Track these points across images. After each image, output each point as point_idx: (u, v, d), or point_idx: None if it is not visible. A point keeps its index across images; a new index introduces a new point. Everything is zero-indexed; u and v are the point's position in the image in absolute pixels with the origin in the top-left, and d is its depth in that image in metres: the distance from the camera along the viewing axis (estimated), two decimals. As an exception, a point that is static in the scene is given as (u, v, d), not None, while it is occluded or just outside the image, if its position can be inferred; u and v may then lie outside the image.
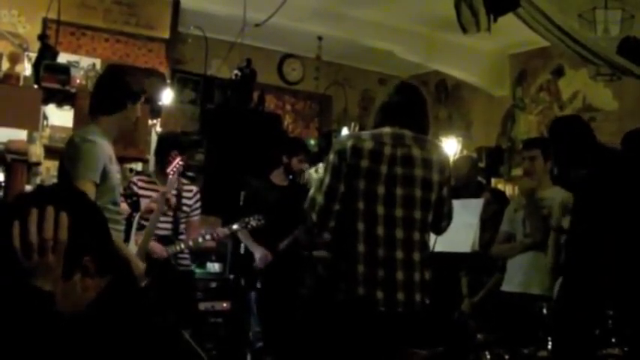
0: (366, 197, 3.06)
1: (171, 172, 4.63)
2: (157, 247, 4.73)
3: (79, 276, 1.52)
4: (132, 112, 3.78)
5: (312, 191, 3.21)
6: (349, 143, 3.11)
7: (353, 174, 3.08)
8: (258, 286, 5.34)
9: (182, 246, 4.85)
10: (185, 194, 5.01)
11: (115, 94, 3.76)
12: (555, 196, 4.33)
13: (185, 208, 4.99)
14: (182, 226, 4.99)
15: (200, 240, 4.90)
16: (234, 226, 5.03)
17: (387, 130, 3.16)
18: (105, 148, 3.58)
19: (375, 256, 3.03)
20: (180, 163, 4.69)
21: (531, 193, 4.34)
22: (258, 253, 5.32)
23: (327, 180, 3.13)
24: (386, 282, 3.02)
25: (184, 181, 5.10)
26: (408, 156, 3.11)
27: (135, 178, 5.09)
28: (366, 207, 3.06)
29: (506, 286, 4.45)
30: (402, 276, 3.04)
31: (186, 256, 5.04)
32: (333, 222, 3.15)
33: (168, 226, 4.89)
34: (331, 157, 3.15)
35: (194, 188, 5.16)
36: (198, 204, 5.15)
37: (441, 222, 3.28)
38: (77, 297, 1.52)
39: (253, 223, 5.00)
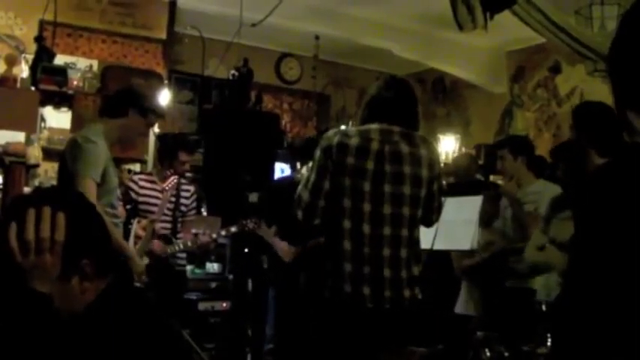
0: (351, 194, 3.04)
1: (168, 188, 4.69)
2: (158, 246, 4.74)
3: (77, 279, 1.51)
4: (134, 123, 3.75)
5: (299, 188, 3.19)
6: (335, 140, 3.08)
7: (339, 171, 3.05)
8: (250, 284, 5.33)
9: (181, 246, 4.87)
10: (183, 194, 5.03)
11: (119, 99, 3.77)
12: (541, 189, 4.35)
13: (182, 208, 5.03)
14: (179, 225, 5.01)
15: (199, 241, 4.92)
16: (232, 229, 5.04)
17: (374, 126, 3.13)
18: (106, 150, 3.59)
19: (360, 253, 3.02)
20: (175, 180, 4.73)
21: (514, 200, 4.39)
22: (282, 248, 5.27)
23: (312, 177, 3.11)
24: (372, 279, 3.01)
25: (183, 180, 5.11)
26: (396, 152, 3.09)
27: (136, 177, 5.08)
28: (352, 204, 3.04)
29: None
30: (389, 273, 3.03)
31: (183, 255, 5.06)
32: (318, 219, 3.13)
33: (167, 225, 4.92)
34: (317, 153, 3.13)
35: (191, 188, 5.19)
36: (195, 204, 5.20)
37: (431, 216, 3.27)
38: (75, 299, 1.51)
39: (250, 225, 5.00)
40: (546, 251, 3.58)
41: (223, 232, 5.08)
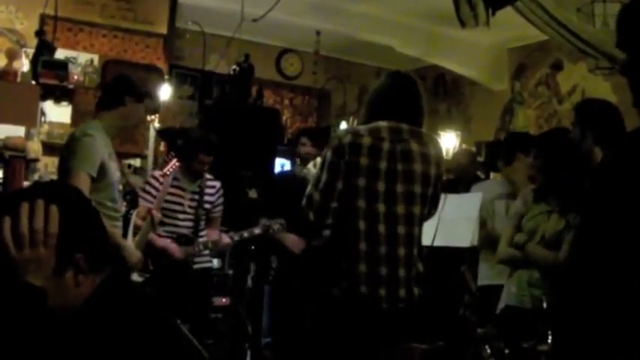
0: (366, 195, 3.00)
1: (168, 173, 4.59)
2: (173, 249, 4.68)
3: (71, 273, 1.51)
4: (132, 111, 3.74)
5: (309, 188, 3.13)
6: (347, 140, 3.03)
7: (352, 172, 3.01)
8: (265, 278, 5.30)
9: (201, 247, 4.80)
10: (208, 191, 4.92)
11: (113, 90, 3.76)
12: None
13: (207, 205, 4.88)
14: (202, 224, 4.93)
15: (224, 242, 4.88)
16: (256, 230, 4.96)
17: (383, 124, 3.08)
18: (104, 144, 3.58)
19: (377, 254, 2.99)
20: (177, 164, 4.64)
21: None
22: (291, 239, 5.23)
23: (324, 177, 3.05)
24: (389, 279, 2.98)
25: (208, 176, 5.00)
26: (407, 151, 3.06)
27: (157, 173, 4.97)
28: (367, 205, 3.00)
29: (496, 279, 4.46)
30: (403, 272, 3.01)
31: (205, 252, 4.97)
32: (330, 220, 3.09)
33: (189, 224, 4.82)
34: (328, 154, 3.06)
35: (217, 184, 5.02)
36: (221, 200, 5.01)
37: (430, 212, 3.26)
38: (70, 293, 1.51)
39: (275, 227, 4.92)
40: (528, 247, 3.55)
41: (246, 234, 5.00)
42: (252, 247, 5.47)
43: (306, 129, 6.28)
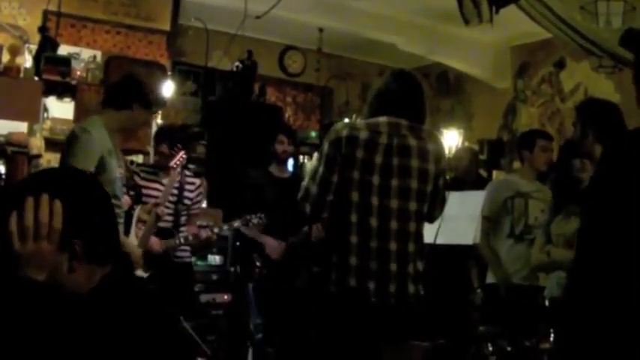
0: (360, 188, 3.02)
1: (175, 166, 4.62)
2: (154, 242, 4.70)
3: (65, 256, 1.51)
4: (139, 116, 3.75)
5: (305, 181, 3.16)
6: (344, 133, 3.05)
7: (347, 164, 3.03)
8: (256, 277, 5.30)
9: (181, 240, 4.84)
10: (187, 187, 4.98)
11: (122, 92, 3.76)
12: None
13: (186, 201, 4.97)
14: (183, 219, 4.98)
15: (203, 236, 4.89)
16: (235, 224, 5.00)
17: (382, 119, 3.10)
18: (103, 141, 3.58)
19: (367, 247, 3.00)
20: (184, 156, 4.67)
21: None
22: (270, 244, 5.25)
23: (320, 170, 3.08)
24: (378, 273, 2.98)
25: (187, 173, 5.07)
26: (404, 146, 3.07)
27: (138, 169, 5.06)
28: (361, 198, 3.02)
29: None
30: (395, 267, 3.01)
31: (186, 248, 5.02)
32: (326, 213, 3.12)
33: (169, 218, 4.86)
34: (325, 147, 3.10)
35: (197, 181, 5.10)
36: (200, 197, 5.10)
37: (434, 211, 3.25)
38: (62, 277, 1.51)
39: (255, 220, 4.96)
40: (551, 252, 3.61)
41: (226, 227, 5.05)
42: (237, 244, 5.50)
43: (283, 126, 6.21)
